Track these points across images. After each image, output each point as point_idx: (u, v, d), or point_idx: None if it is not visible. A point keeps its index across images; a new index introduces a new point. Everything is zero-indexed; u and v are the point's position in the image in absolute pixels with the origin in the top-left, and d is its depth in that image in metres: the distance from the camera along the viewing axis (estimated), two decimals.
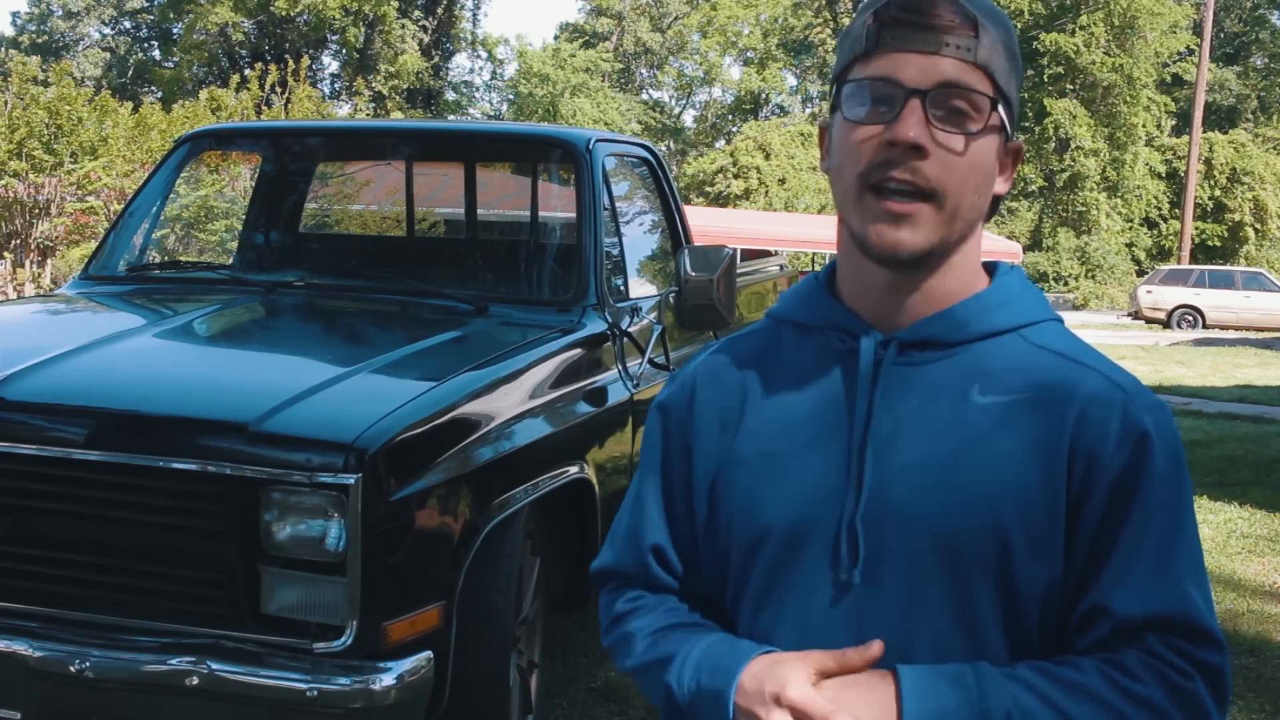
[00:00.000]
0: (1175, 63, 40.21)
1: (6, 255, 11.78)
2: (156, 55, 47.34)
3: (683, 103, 51.16)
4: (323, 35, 43.15)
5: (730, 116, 49.09)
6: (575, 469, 3.29)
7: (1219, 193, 36.52)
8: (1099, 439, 1.14)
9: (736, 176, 34.14)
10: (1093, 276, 34.84)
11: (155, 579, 2.60)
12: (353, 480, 2.47)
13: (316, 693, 2.45)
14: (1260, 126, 44.06)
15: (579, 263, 3.82)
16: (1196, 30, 36.19)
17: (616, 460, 3.63)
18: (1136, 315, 25.33)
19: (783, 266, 6.76)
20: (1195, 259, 33.08)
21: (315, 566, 2.51)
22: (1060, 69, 36.29)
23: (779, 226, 19.92)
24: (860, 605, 1.16)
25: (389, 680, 2.50)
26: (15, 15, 56.95)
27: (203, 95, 14.36)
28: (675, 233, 4.74)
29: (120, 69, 45.11)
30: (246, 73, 14.61)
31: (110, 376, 2.88)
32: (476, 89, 51.00)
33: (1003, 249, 21.89)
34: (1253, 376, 14.09)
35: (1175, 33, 37.22)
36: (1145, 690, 1.09)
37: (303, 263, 4.66)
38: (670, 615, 1.27)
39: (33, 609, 2.64)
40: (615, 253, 4.11)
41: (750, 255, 7.03)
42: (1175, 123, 40.81)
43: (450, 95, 48.30)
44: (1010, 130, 1.19)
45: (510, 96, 46.27)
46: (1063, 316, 1.26)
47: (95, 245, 5.93)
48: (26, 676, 2.54)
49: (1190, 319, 24.42)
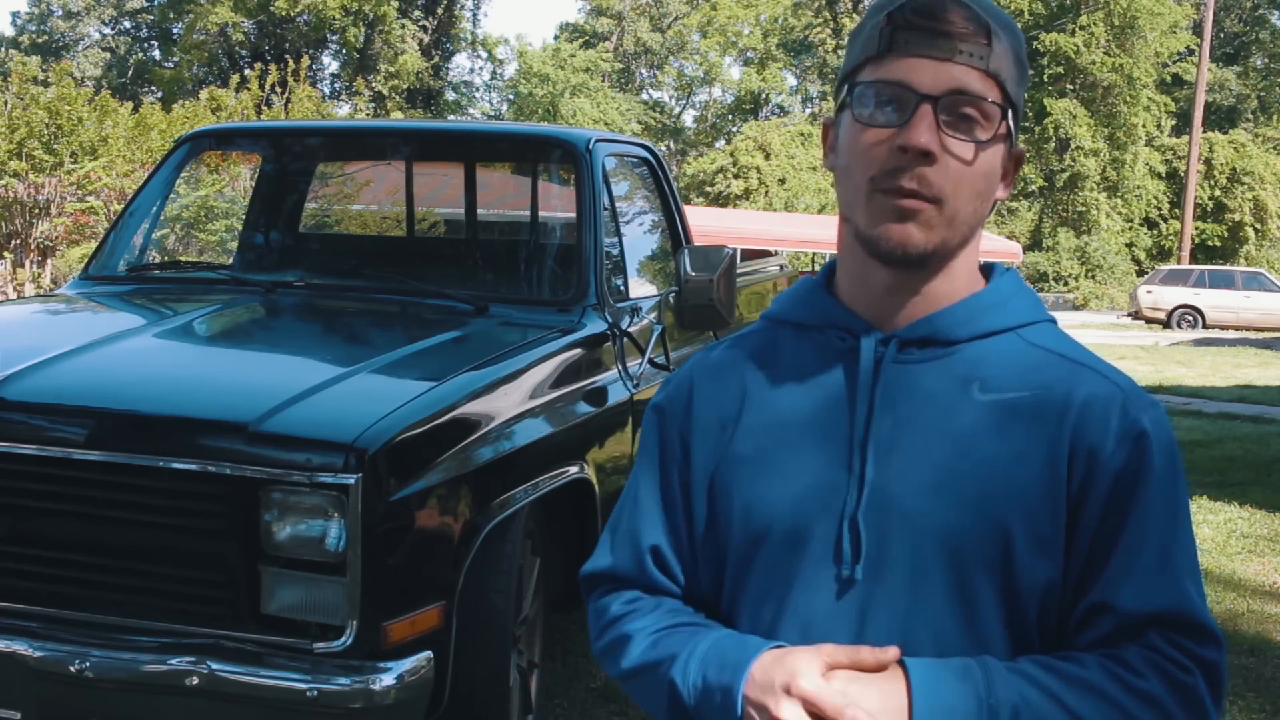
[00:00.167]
0: (1175, 63, 40.22)
1: (6, 255, 11.79)
2: (156, 55, 47.36)
3: (683, 103, 51.19)
4: (323, 35, 43.16)
5: (730, 116, 49.10)
6: (575, 469, 3.29)
7: (1219, 193, 36.53)
8: (1099, 437, 1.15)
9: (736, 176, 34.16)
10: (1093, 276, 34.86)
11: (155, 579, 2.61)
12: (353, 480, 2.47)
13: (316, 693, 2.45)
14: (1260, 126, 44.07)
15: (579, 263, 3.82)
16: (1196, 30, 36.20)
17: (616, 460, 3.63)
18: (1136, 315, 25.33)
19: (783, 266, 6.76)
20: (1195, 259, 33.08)
21: (315, 566, 2.51)
22: (1060, 69, 36.30)
23: (779, 226, 19.93)
24: (862, 601, 1.16)
25: (389, 680, 2.50)
26: (15, 15, 57.00)
27: (203, 95, 14.37)
28: (675, 233, 4.74)
29: (120, 69, 45.11)
30: (246, 73, 14.62)
31: (110, 376, 2.88)
32: (476, 89, 51.06)
33: (1003, 249, 21.92)
34: (1253, 376, 14.10)
35: (1175, 33, 37.24)
36: (1147, 685, 1.10)
37: (303, 263, 4.66)
38: (672, 615, 1.27)
39: (33, 609, 2.64)
40: (615, 253, 4.11)
41: (750, 255, 7.04)
42: (1175, 123, 40.81)
43: (450, 95, 48.31)
44: (1014, 137, 1.20)
45: (510, 96, 46.28)
46: (1063, 316, 1.27)
47: (95, 245, 5.93)
48: (26, 676, 2.54)
49: (1190, 319, 24.43)
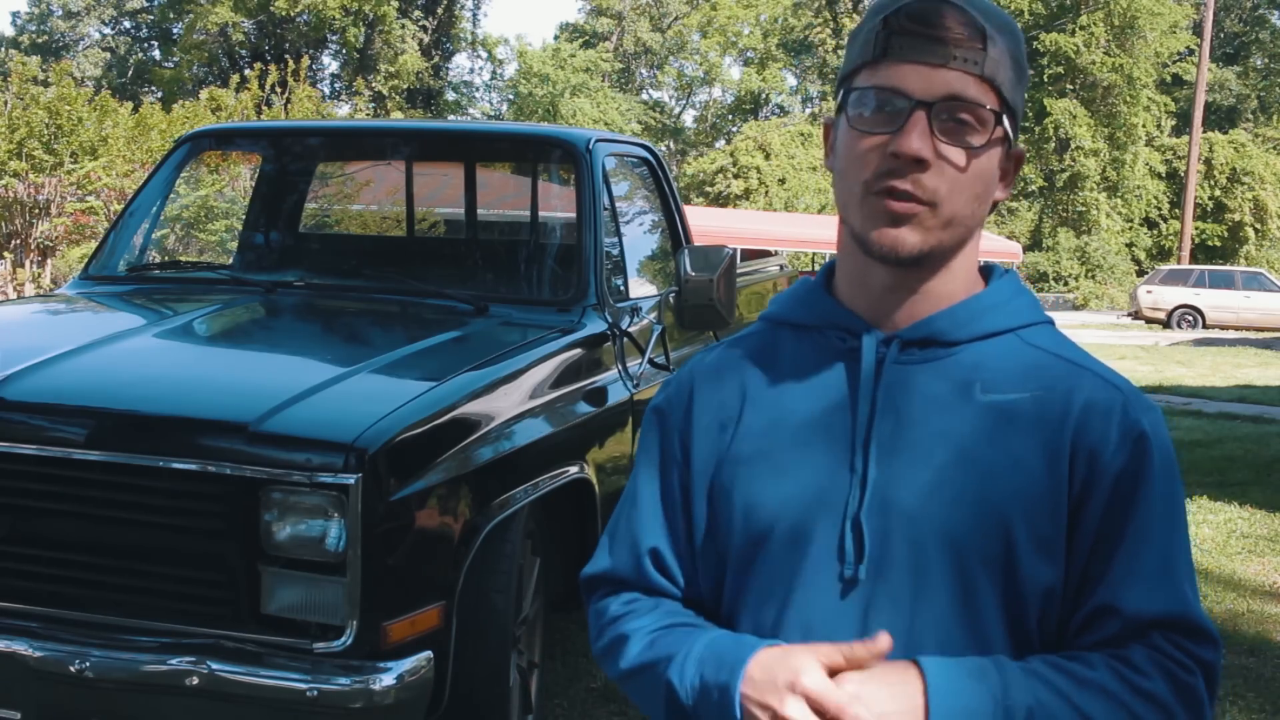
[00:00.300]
0: (1175, 63, 40.21)
1: (6, 255, 11.78)
2: (156, 55, 47.36)
3: (683, 103, 51.19)
4: (323, 35, 43.16)
5: (730, 116, 49.11)
6: (575, 469, 3.29)
7: (1219, 193, 36.53)
8: (1100, 439, 1.15)
9: (736, 176, 34.16)
10: (1093, 276, 34.86)
11: (155, 579, 2.60)
12: (353, 480, 2.47)
13: (316, 693, 2.45)
14: (1260, 126, 44.07)
15: (579, 263, 3.82)
16: (1196, 30, 36.20)
17: (616, 460, 3.63)
18: (1136, 315, 25.33)
19: (783, 266, 6.76)
20: (1195, 259, 33.09)
21: (315, 566, 2.51)
22: (1060, 69, 36.31)
23: (779, 226, 19.95)
24: (865, 601, 1.16)
25: (389, 680, 2.50)
26: (15, 15, 57.01)
27: (203, 95, 14.35)
28: (675, 233, 4.74)
29: (120, 69, 45.12)
30: (246, 73, 14.59)
31: (110, 376, 2.88)
32: (476, 89, 51.07)
33: (1003, 249, 21.92)
34: (1253, 376, 14.10)
35: (1175, 33, 37.25)
36: (1152, 685, 1.11)
37: (303, 263, 4.66)
38: (670, 616, 1.27)
39: (33, 609, 2.64)
40: (615, 253, 4.11)
41: (750, 255, 7.04)
42: (1175, 123, 40.81)
43: (450, 95, 48.32)
44: (1013, 139, 1.20)
45: (510, 96, 46.28)
46: (1063, 316, 1.27)
47: (95, 245, 5.93)
48: (26, 676, 2.54)
49: (1190, 319, 24.43)
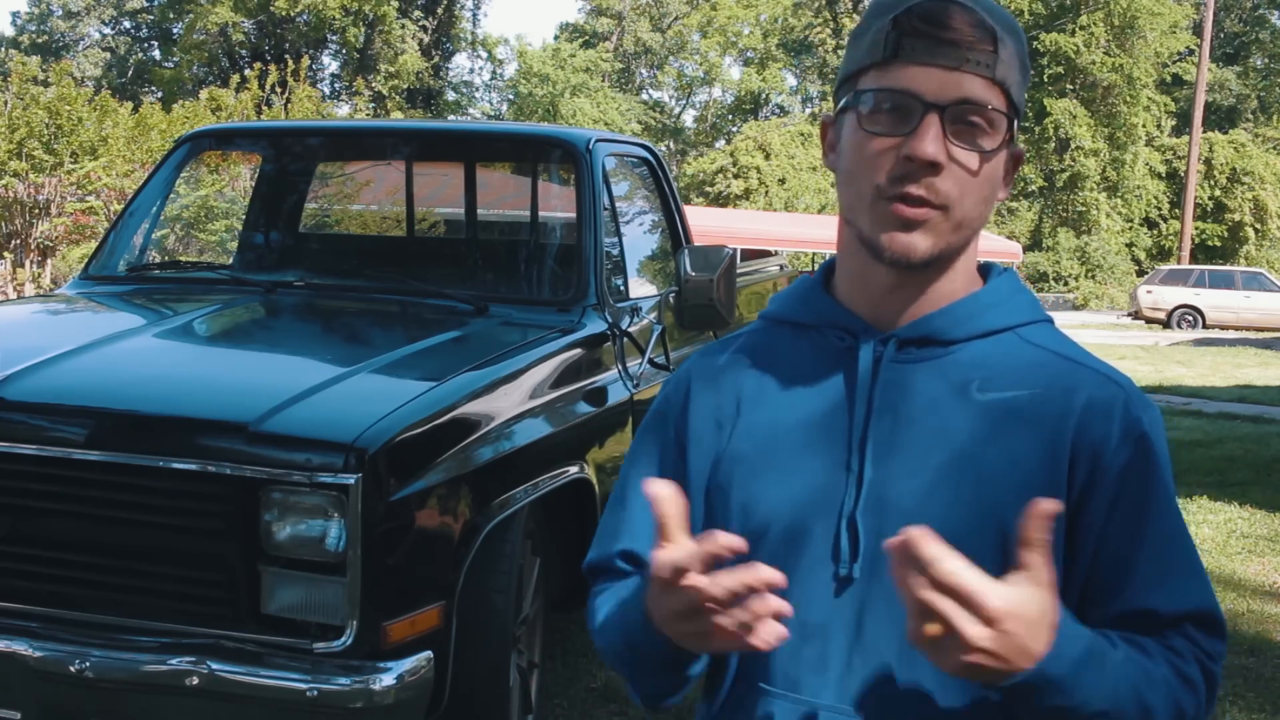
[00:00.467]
0: (1175, 63, 40.22)
1: (6, 255, 11.78)
2: (156, 55, 47.38)
3: (683, 103, 51.20)
4: (323, 35, 43.17)
5: (730, 116, 49.12)
6: (575, 469, 3.29)
7: (1219, 193, 36.54)
8: (1102, 436, 1.15)
9: (736, 176, 34.17)
10: (1093, 276, 34.87)
11: (155, 579, 2.60)
12: (353, 480, 2.47)
13: (316, 693, 2.45)
14: (1260, 126, 44.07)
15: (579, 263, 3.82)
16: (1196, 30, 36.21)
17: (616, 460, 3.63)
18: (1136, 315, 25.33)
19: (783, 266, 6.76)
20: (1195, 259, 33.10)
21: (315, 566, 2.51)
22: (1060, 69, 36.32)
23: (779, 226, 19.94)
24: (860, 600, 1.16)
25: (389, 680, 2.50)
26: (15, 15, 57.01)
27: (203, 95, 14.34)
28: (675, 233, 4.74)
29: (120, 69, 45.13)
30: (246, 73, 14.58)
31: (110, 376, 2.88)
32: (476, 89, 51.07)
33: (1003, 249, 21.92)
34: (1253, 376, 14.10)
35: (1175, 33, 37.26)
36: (1192, 672, 1.13)
37: (303, 263, 4.66)
38: (631, 587, 1.26)
39: (33, 609, 2.64)
40: (615, 253, 4.11)
41: (750, 255, 7.04)
42: (1175, 123, 40.82)
43: (450, 95, 48.33)
44: (1015, 139, 1.20)
45: (510, 96, 46.29)
46: (1063, 316, 1.27)
47: (95, 245, 5.93)
48: (26, 676, 2.54)
49: (1190, 319, 24.43)
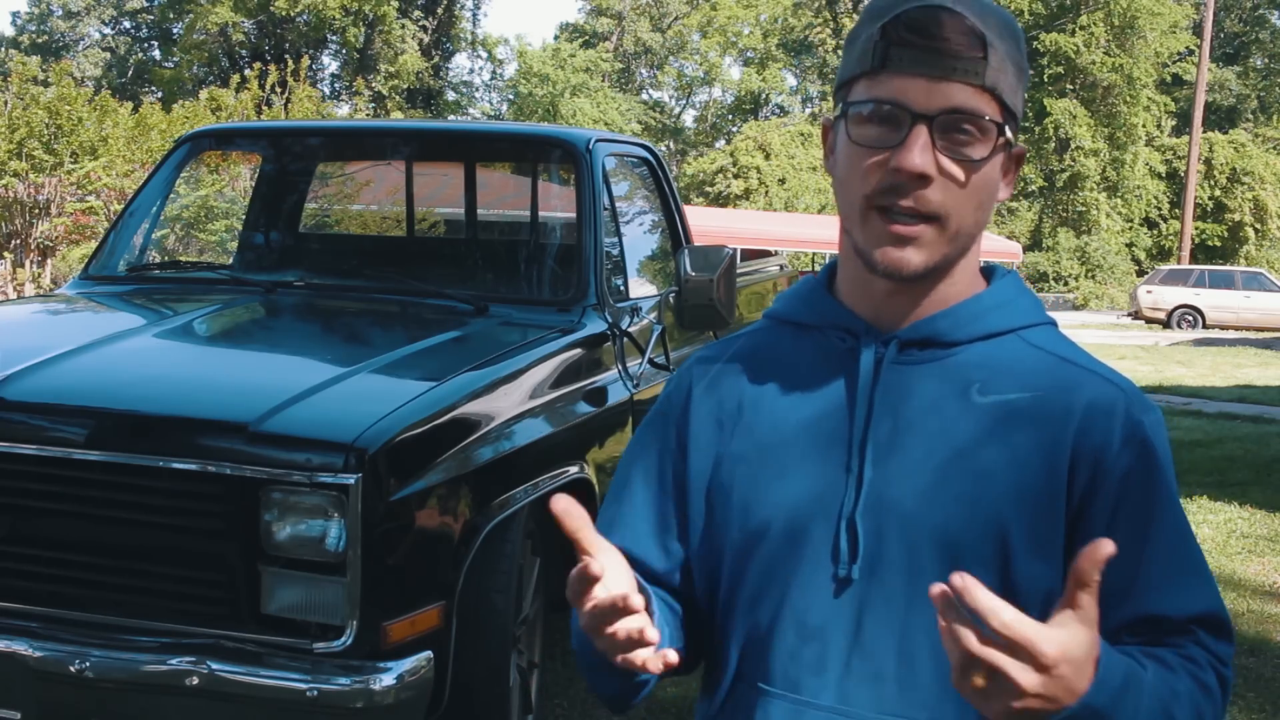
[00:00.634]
0: (1175, 63, 40.21)
1: (6, 255, 11.78)
2: (156, 55, 47.37)
3: (683, 103, 51.19)
4: (323, 35, 43.17)
5: (730, 116, 49.10)
6: (575, 469, 3.29)
7: (1219, 193, 36.53)
8: (1104, 440, 1.14)
9: (736, 176, 34.16)
10: (1093, 276, 34.86)
11: (155, 579, 2.60)
12: (353, 480, 2.47)
13: (316, 693, 2.45)
14: (1260, 126, 44.07)
15: (579, 263, 3.82)
16: (1196, 30, 36.21)
17: (616, 460, 3.62)
18: (1136, 315, 25.33)
19: (783, 266, 6.76)
20: (1195, 259, 33.09)
21: (315, 566, 2.51)
22: (1060, 69, 36.31)
23: (779, 226, 19.95)
24: (859, 601, 1.16)
25: (389, 680, 2.50)
26: (15, 15, 57.01)
27: (203, 95, 14.33)
28: (675, 233, 4.74)
29: (120, 69, 45.13)
30: (246, 73, 14.57)
31: (110, 376, 2.88)
32: (476, 89, 51.07)
33: (1003, 249, 21.93)
34: (1253, 376, 14.10)
35: (1175, 33, 37.26)
36: (1208, 679, 1.13)
37: (303, 263, 4.67)
38: None
39: (33, 609, 2.64)
40: (615, 253, 4.11)
41: (750, 255, 7.04)
42: (1175, 123, 40.83)
43: (450, 95, 48.32)
44: (1014, 140, 1.18)
45: (510, 96, 46.28)
46: (1063, 316, 1.27)
47: (95, 245, 5.93)
48: (26, 676, 2.54)
49: (1190, 319, 24.42)
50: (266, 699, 2.48)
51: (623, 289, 4.08)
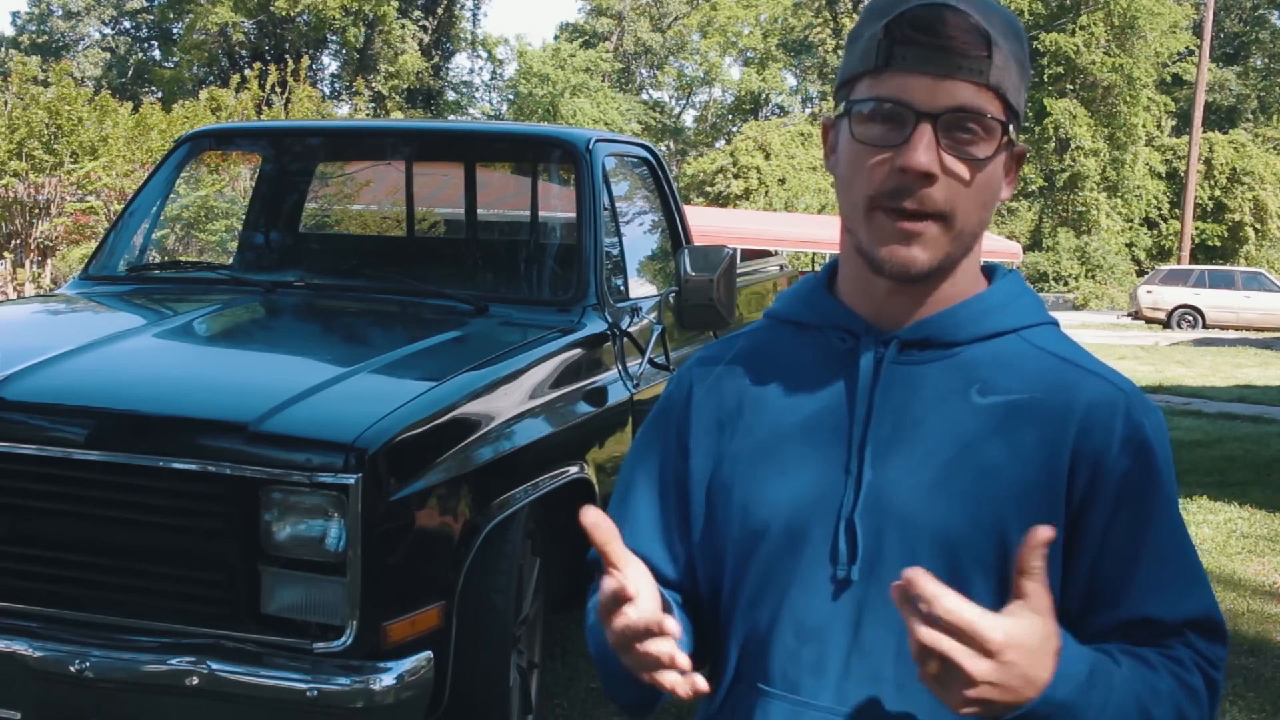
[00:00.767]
0: (1175, 63, 40.21)
1: (6, 255, 11.78)
2: (156, 55, 47.38)
3: (683, 103, 51.18)
4: (323, 35, 43.17)
5: (730, 116, 49.10)
6: (575, 469, 3.29)
7: (1219, 193, 36.53)
8: (1103, 443, 1.14)
9: (736, 176, 34.16)
10: (1093, 276, 34.87)
11: (155, 579, 2.61)
12: (353, 480, 2.47)
13: (316, 693, 2.45)
14: (1260, 126, 44.07)
15: (579, 263, 3.82)
16: (1196, 30, 36.21)
17: (616, 460, 3.63)
18: (1136, 315, 25.33)
19: (783, 266, 6.76)
20: (1195, 259, 33.09)
21: (315, 566, 2.51)
22: (1060, 69, 36.32)
23: (779, 226, 19.94)
24: (858, 602, 1.16)
25: (389, 680, 2.50)
26: (15, 15, 57.01)
27: (203, 95, 14.32)
28: (675, 233, 4.74)
29: (120, 69, 45.13)
30: (246, 73, 14.57)
31: (110, 376, 2.88)
32: (476, 89, 51.07)
33: (1003, 249, 21.93)
34: (1253, 376, 14.10)
35: (1175, 33, 37.27)
36: (1194, 681, 1.12)
37: (303, 263, 4.67)
38: None
39: (33, 609, 2.64)
40: (615, 253, 4.11)
41: (750, 255, 7.04)
42: (1175, 123, 40.83)
43: (450, 95, 48.33)
44: (1016, 139, 1.18)
45: (510, 96, 46.28)
46: (1063, 316, 1.26)
47: (95, 245, 5.93)
48: (26, 676, 2.54)
49: (1190, 319, 24.43)
50: (266, 699, 2.48)
51: (623, 289, 4.08)
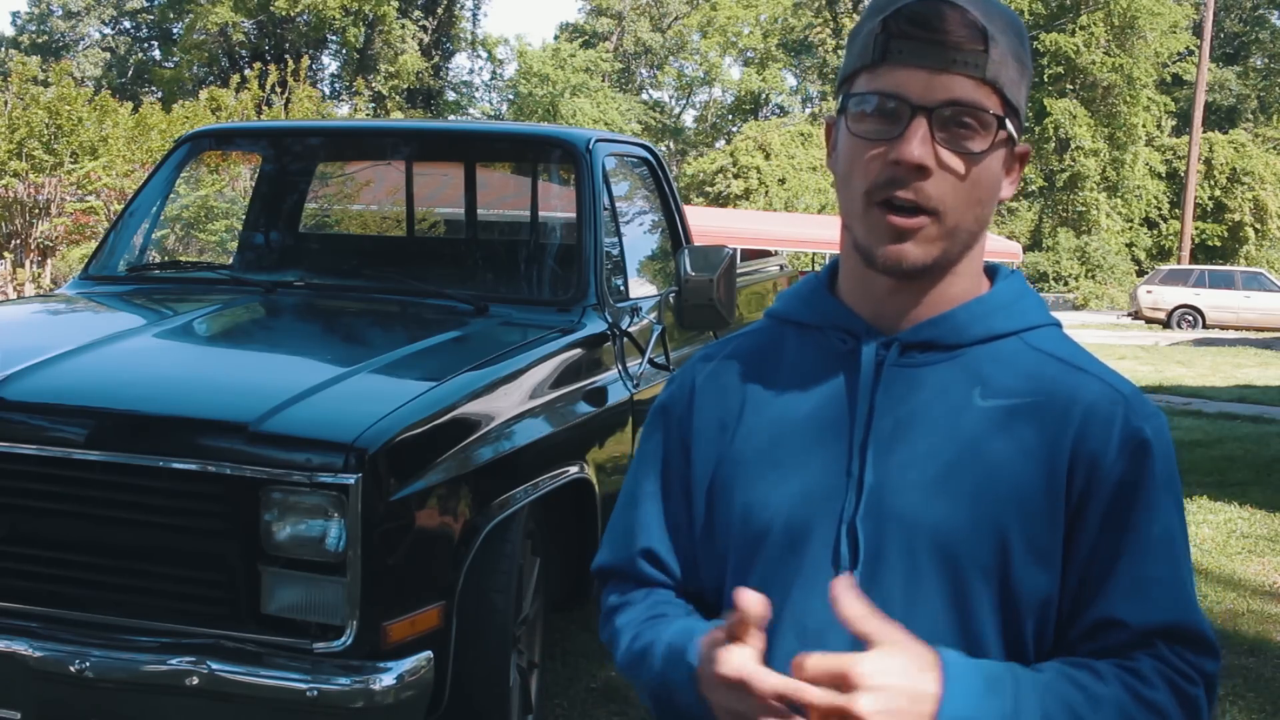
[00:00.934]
0: (1175, 63, 40.21)
1: (6, 255, 11.78)
2: (156, 55, 47.38)
3: (683, 103, 51.18)
4: (323, 35, 43.17)
5: (730, 116, 49.09)
6: (575, 469, 3.29)
7: (1219, 193, 36.53)
8: (1101, 446, 1.14)
9: (736, 176, 34.16)
10: (1093, 276, 34.86)
11: (155, 579, 2.60)
12: (353, 480, 2.47)
13: (316, 693, 2.45)
14: (1260, 126, 44.06)
15: (579, 263, 3.82)
16: (1196, 30, 36.20)
17: (616, 460, 3.63)
18: (1136, 315, 25.33)
19: (783, 266, 6.76)
20: (1195, 259, 33.09)
21: (315, 566, 2.51)
22: (1060, 69, 36.32)
23: (779, 226, 19.94)
24: None
25: (389, 680, 2.50)
26: (15, 15, 57.00)
27: (203, 95, 14.33)
28: (675, 233, 4.74)
29: (120, 69, 45.13)
30: (246, 73, 14.57)
31: (110, 376, 2.88)
32: (476, 89, 51.07)
33: (1003, 249, 21.92)
34: (1253, 376, 14.10)
35: (1175, 33, 37.26)
36: (1156, 696, 1.09)
37: (303, 263, 4.66)
38: (655, 607, 1.27)
39: (33, 609, 2.64)
40: (615, 253, 4.11)
41: (750, 255, 7.04)
42: (1175, 123, 40.82)
43: (450, 95, 48.33)
44: (1017, 137, 1.18)
45: (510, 96, 46.28)
46: (1063, 316, 1.26)
47: (95, 245, 5.93)
48: (26, 676, 2.54)
49: (1190, 319, 24.43)
50: (266, 699, 2.48)
51: (623, 289, 4.08)
